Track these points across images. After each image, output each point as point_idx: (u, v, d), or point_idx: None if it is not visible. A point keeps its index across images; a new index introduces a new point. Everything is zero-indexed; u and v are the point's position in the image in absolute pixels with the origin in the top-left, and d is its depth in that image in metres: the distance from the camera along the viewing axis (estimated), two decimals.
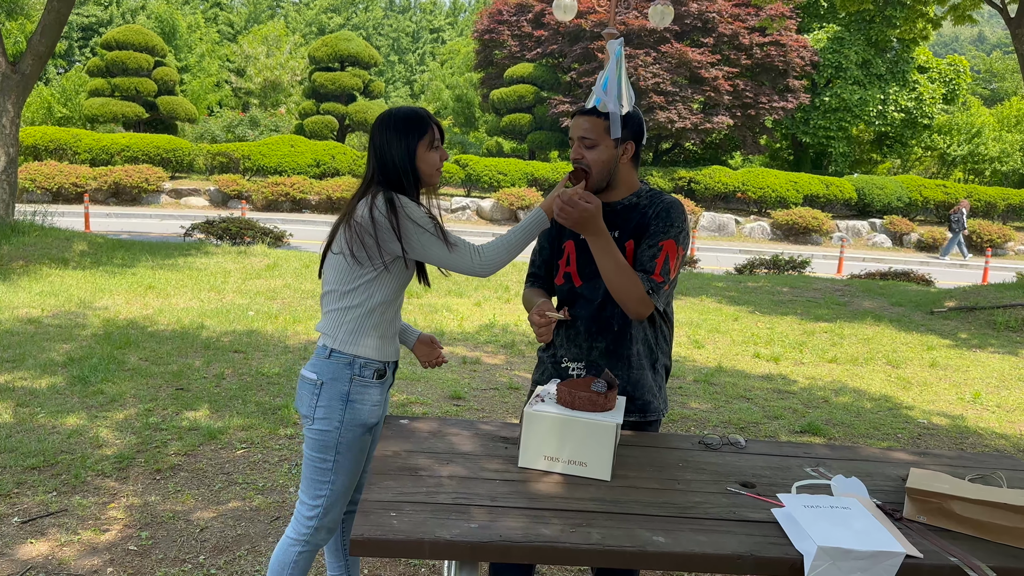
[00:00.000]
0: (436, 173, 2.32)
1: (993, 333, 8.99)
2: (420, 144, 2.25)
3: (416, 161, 2.26)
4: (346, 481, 2.28)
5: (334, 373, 2.23)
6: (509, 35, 28.17)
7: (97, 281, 8.55)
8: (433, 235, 2.19)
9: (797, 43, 25.41)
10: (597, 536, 1.70)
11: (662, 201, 2.36)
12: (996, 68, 49.05)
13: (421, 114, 2.29)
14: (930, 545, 1.78)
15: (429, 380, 5.72)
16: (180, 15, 38.52)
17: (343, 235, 2.23)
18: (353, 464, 2.29)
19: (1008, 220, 27.10)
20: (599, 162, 2.32)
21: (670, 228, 2.31)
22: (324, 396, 2.23)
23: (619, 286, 2.26)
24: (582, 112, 2.34)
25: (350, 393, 2.24)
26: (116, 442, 4.14)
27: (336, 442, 2.24)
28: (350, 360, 2.24)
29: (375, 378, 2.27)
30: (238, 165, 22.81)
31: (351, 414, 2.24)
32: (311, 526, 2.28)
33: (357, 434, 2.26)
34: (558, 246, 2.49)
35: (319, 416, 2.24)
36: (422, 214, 2.20)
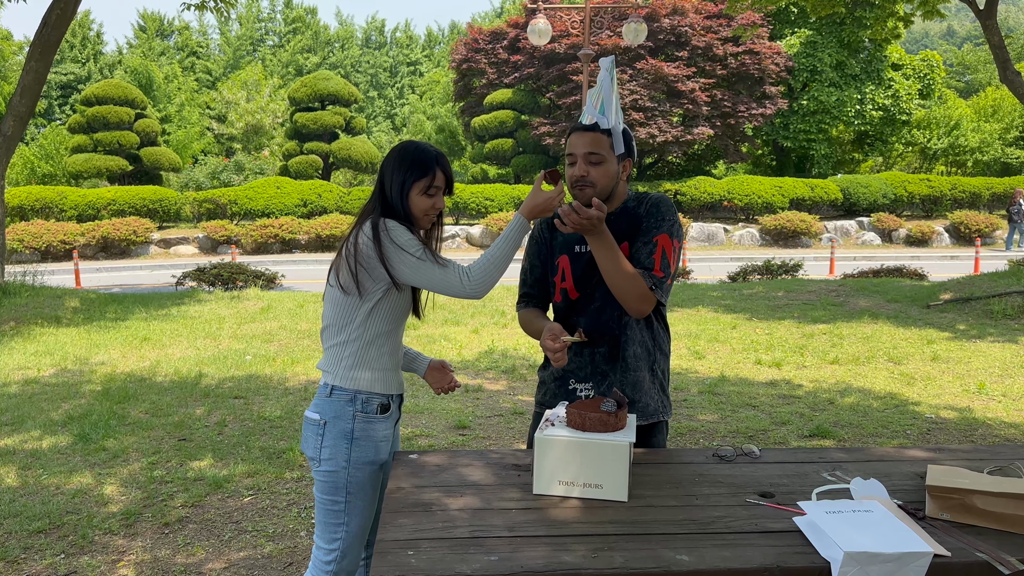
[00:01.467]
0: (425, 218, 2.27)
1: (991, 322, 9.00)
2: (416, 185, 2.22)
3: (408, 200, 2.22)
4: (361, 521, 2.24)
5: (336, 411, 2.19)
6: (486, 63, 28.39)
7: (92, 337, 8.49)
8: (419, 258, 2.14)
9: (771, 50, 25.68)
10: (620, 560, 1.67)
11: (649, 199, 2.38)
12: (968, 60, 49.64)
13: (429, 155, 2.24)
14: (956, 542, 1.76)
15: (433, 412, 5.68)
16: (156, 67, 38.68)
17: (334, 266, 2.21)
18: (366, 503, 2.24)
19: (994, 209, 27.26)
20: (604, 177, 2.31)
21: (661, 222, 2.32)
22: (328, 436, 2.19)
23: (620, 284, 2.26)
24: (582, 129, 2.31)
25: (354, 431, 2.19)
26: (122, 498, 4.08)
27: (346, 482, 2.20)
28: (352, 396, 2.20)
29: (379, 413, 2.23)
30: (225, 210, 22.83)
31: (357, 452, 2.19)
32: (329, 571, 2.23)
33: (366, 472, 2.21)
34: (551, 263, 2.48)
35: (325, 457, 2.19)
36: (408, 238, 2.15)
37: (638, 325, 2.38)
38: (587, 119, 2.31)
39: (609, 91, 2.27)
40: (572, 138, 2.34)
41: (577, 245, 2.42)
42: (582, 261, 2.40)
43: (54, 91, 45.85)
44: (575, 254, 2.41)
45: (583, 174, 2.30)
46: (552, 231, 2.51)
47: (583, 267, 2.39)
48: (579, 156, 2.31)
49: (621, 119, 2.32)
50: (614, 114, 2.28)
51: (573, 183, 2.34)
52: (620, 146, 2.28)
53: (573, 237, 2.43)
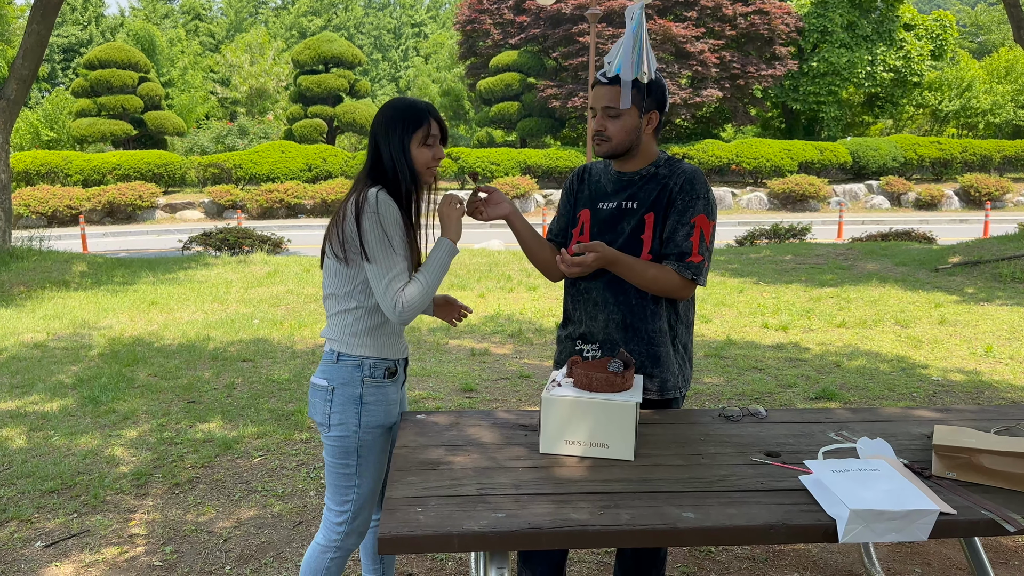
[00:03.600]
0: (428, 172, 2.22)
1: (1000, 286, 8.96)
2: (413, 138, 2.17)
3: (410, 156, 2.17)
4: (371, 484, 2.25)
5: (344, 377, 2.19)
6: (491, 24, 28.05)
7: (99, 301, 8.53)
8: (381, 257, 2.09)
9: (781, 10, 25.31)
10: (626, 517, 1.68)
11: (682, 171, 2.31)
12: (982, 20, 48.83)
13: (419, 107, 2.19)
14: (962, 501, 1.76)
15: (440, 375, 5.70)
16: (158, 31, 38.33)
17: (328, 235, 2.19)
18: (376, 466, 2.25)
19: (1004, 172, 27.03)
20: (622, 131, 2.28)
21: (697, 201, 2.27)
22: (337, 401, 2.19)
23: (657, 286, 2.25)
24: (603, 82, 2.27)
25: (363, 396, 2.19)
26: (132, 459, 4.12)
27: (356, 446, 2.20)
28: (359, 362, 2.19)
29: (387, 377, 2.23)
30: (230, 175, 22.78)
31: (367, 417, 2.20)
32: (341, 531, 2.25)
33: (376, 435, 2.22)
34: (573, 214, 2.46)
35: (335, 423, 2.19)
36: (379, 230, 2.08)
37: (666, 301, 2.34)
38: (611, 71, 2.26)
39: (631, 41, 2.21)
40: (594, 91, 2.30)
41: (602, 201, 2.37)
42: (601, 216, 2.36)
43: (56, 54, 45.56)
44: (597, 209, 2.38)
45: (600, 128, 2.27)
46: (581, 182, 2.47)
47: (601, 223, 2.36)
48: (597, 109, 2.27)
49: (654, 68, 2.26)
50: (641, 64, 2.21)
51: (593, 137, 2.31)
52: (627, 99, 2.21)
53: (600, 192, 2.39)
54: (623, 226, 2.32)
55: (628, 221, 2.32)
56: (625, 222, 2.32)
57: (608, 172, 2.42)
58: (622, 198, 2.34)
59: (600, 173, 2.44)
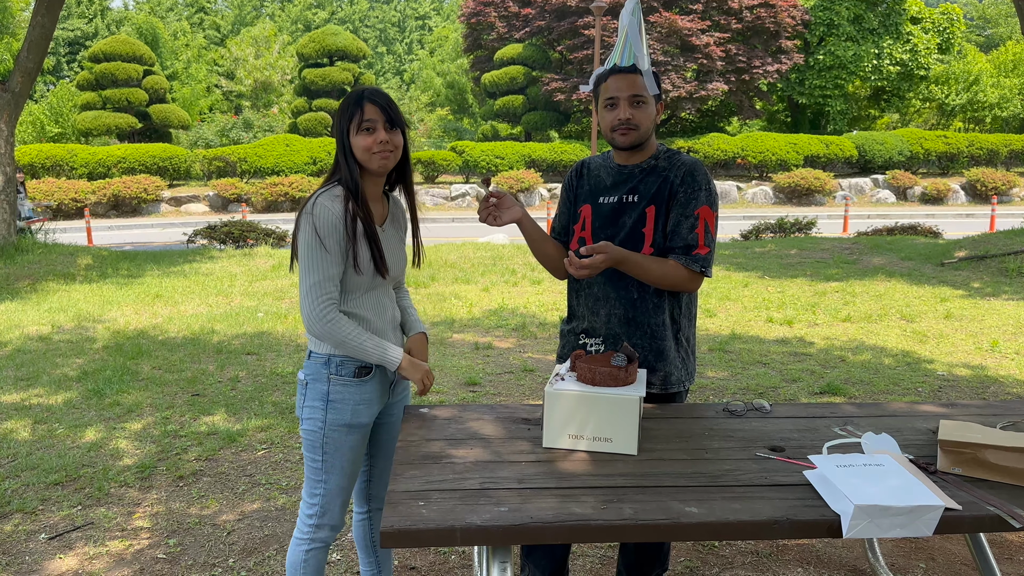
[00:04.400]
0: (373, 158, 2.12)
1: (1006, 280, 8.92)
2: (350, 127, 2.12)
3: (350, 146, 2.13)
4: (340, 481, 2.23)
5: (314, 373, 2.20)
6: (496, 16, 27.97)
7: (104, 294, 8.54)
8: (306, 261, 2.09)
9: (787, 3, 25.17)
10: (630, 511, 1.68)
11: (682, 163, 2.31)
12: (989, 14, 48.53)
13: (354, 94, 2.13)
14: (968, 496, 1.75)
15: (444, 368, 5.70)
16: (161, 24, 38.32)
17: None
18: (345, 464, 2.23)
19: (1011, 166, 26.90)
20: (647, 119, 2.27)
21: (699, 192, 2.27)
22: (309, 396, 2.20)
23: (666, 281, 2.25)
24: (622, 70, 2.24)
25: (330, 393, 2.18)
26: (136, 452, 4.13)
27: (323, 442, 2.20)
28: (326, 359, 2.19)
29: (356, 376, 2.19)
30: (235, 168, 22.78)
31: (333, 414, 2.18)
32: (312, 524, 2.26)
33: (342, 434, 2.19)
34: (574, 211, 2.45)
35: (305, 416, 2.21)
36: (312, 237, 2.07)
37: (669, 296, 2.34)
38: (620, 59, 2.24)
39: (636, 30, 2.20)
40: (611, 81, 2.25)
41: (603, 196, 2.36)
42: (603, 211, 2.35)
43: (61, 48, 45.59)
44: (598, 204, 2.37)
45: (628, 117, 2.24)
46: (580, 177, 2.45)
47: (603, 218, 2.35)
48: (622, 99, 2.23)
49: (648, 60, 2.27)
50: (646, 55, 2.22)
51: (614, 127, 2.26)
52: (654, 87, 2.22)
53: (600, 187, 2.38)
54: (624, 220, 2.31)
55: (629, 215, 2.31)
56: (627, 216, 2.31)
57: (607, 165, 2.40)
58: (623, 192, 2.33)
59: (599, 167, 2.42)
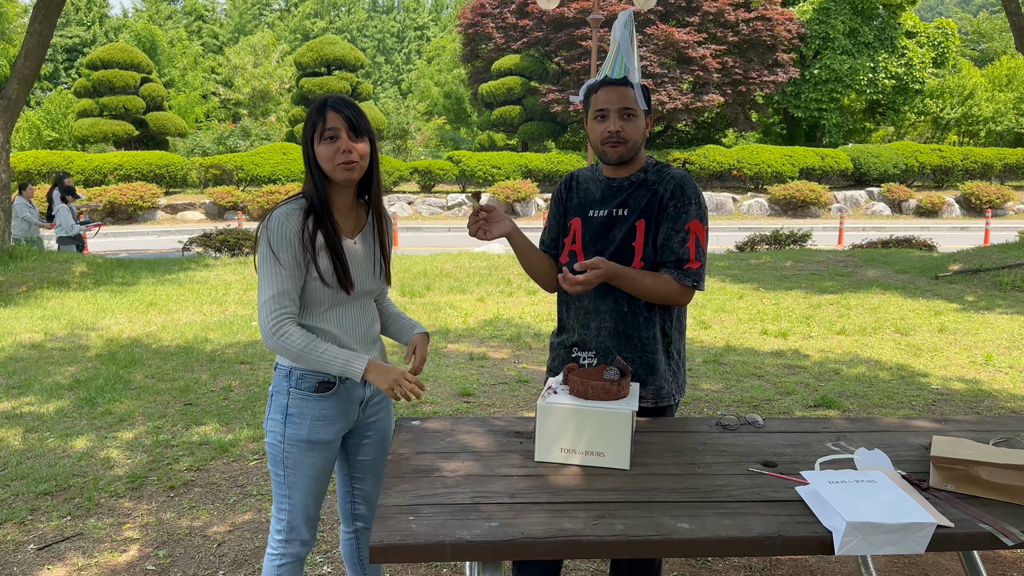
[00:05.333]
0: (337, 169, 2.06)
1: (1000, 294, 8.94)
2: (314, 137, 2.08)
3: (313, 155, 2.09)
4: (303, 498, 2.19)
5: (277, 385, 2.17)
6: (494, 27, 28.07)
7: (98, 302, 8.52)
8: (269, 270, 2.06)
9: (783, 16, 25.31)
10: (621, 527, 1.67)
11: (671, 176, 2.31)
12: (984, 28, 48.85)
13: (318, 102, 2.09)
14: (960, 513, 1.74)
15: (437, 379, 5.69)
16: (160, 31, 38.39)
17: None
18: (307, 481, 2.18)
19: (1006, 180, 27.03)
20: (637, 132, 2.27)
21: (689, 206, 2.27)
22: (271, 409, 2.17)
23: (658, 295, 2.25)
24: (613, 83, 2.24)
25: (289, 406, 2.14)
26: (127, 462, 4.11)
27: (283, 456, 2.16)
28: (287, 371, 2.15)
29: (317, 391, 2.14)
30: (232, 176, 22.78)
31: (291, 428, 2.14)
32: (280, 539, 2.22)
33: (301, 451, 2.14)
34: (564, 223, 2.44)
35: (268, 429, 2.18)
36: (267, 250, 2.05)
37: (663, 310, 2.34)
38: (612, 72, 2.24)
39: (628, 44, 2.21)
40: (602, 93, 2.25)
41: (592, 209, 2.36)
42: (592, 225, 2.35)
43: (59, 55, 45.62)
44: (588, 217, 2.36)
45: (618, 129, 2.23)
46: (569, 190, 2.45)
47: (594, 231, 2.35)
48: (612, 111, 2.23)
49: (639, 73, 2.28)
50: (637, 68, 2.23)
51: (604, 140, 2.25)
52: (643, 102, 2.22)
53: (590, 200, 2.38)
54: (615, 234, 2.31)
55: (619, 229, 2.31)
56: (616, 230, 2.31)
57: (596, 178, 2.40)
58: (612, 205, 2.33)
59: (588, 180, 2.42)
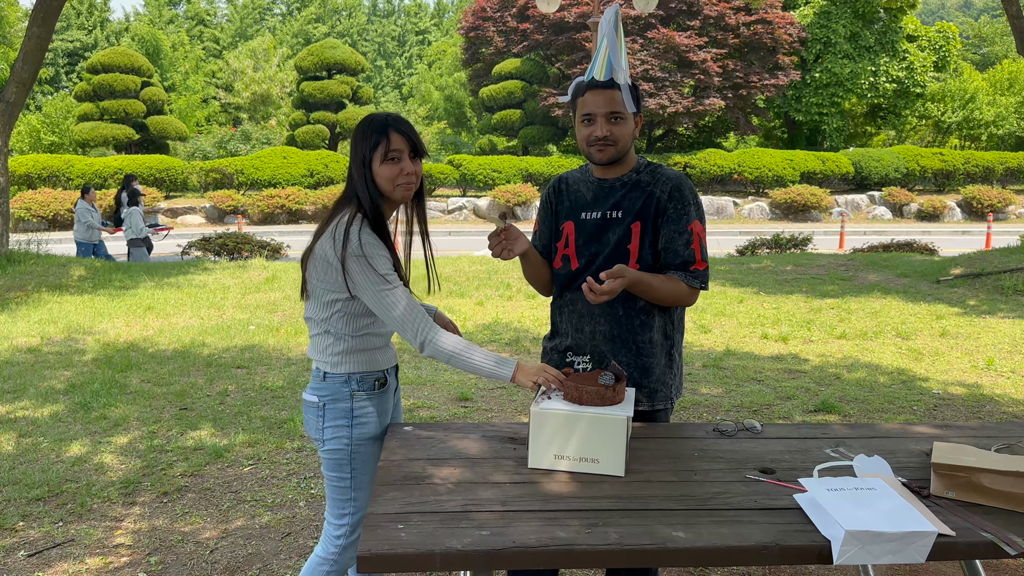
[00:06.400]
0: (398, 189, 2.10)
1: (1002, 298, 8.90)
2: (375, 154, 2.08)
3: (372, 174, 2.09)
4: (367, 495, 2.22)
5: (333, 393, 2.16)
6: (494, 31, 28.08)
7: (96, 305, 8.49)
8: (380, 295, 2.04)
9: (784, 20, 25.29)
10: (615, 536, 1.63)
11: (667, 178, 2.29)
12: (985, 32, 48.82)
13: (378, 121, 2.10)
14: (962, 522, 1.71)
15: (435, 383, 5.65)
16: (163, 35, 38.43)
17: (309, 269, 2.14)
18: (373, 476, 2.22)
19: (1007, 184, 26.97)
20: (625, 135, 2.24)
21: (689, 207, 2.26)
22: (329, 417, 2.17)
23: (671, 298, 2.25)
24: (600, 85, 2.20)
25: (353, 410, 2.17)
26: (121, 467, 4.07)
27: (350, 459, 2.18)
28: (346, 378, 2.16)
29: (377, 389, 2.20)
30: (232, 180, 22.77)
31: (359, 429, 2.18)
32: (340, 544, 2.23)
33: (369, 447, 2.20)
34: (556, 228, 2.41)
35: (328, 437, 2.18)
36: (373, 274, 2.03)
37: (661, 312, 2.31)
38: (599, 73, 2.21)
39: (615, 44, 2.18)
40: (588, 96, 2.22)
41: (585, 212, 2.33)
42: (586, 228, 2.32)
43: (60, 59, 45.65)
44: (581, 220, 2.34)
45: (606, 134, 2.21)
46: (559, 194, 2.42)
47: (588, 234, 2.32)
48: (599, 115, 2.20)
49: (628, 72, 2.24)
50: (624, 68, 2.19)
51: (592, 143, 2.23)
52: (632, 104, 2.19)
53: (581, 202, 2.35)
54: (609, 237, 2.28)
55: (614, 231, 2.28)
56: (611, 232, 2.28)
57: (587, 180, 2.37)
58: (606, 207, 2.30)
59: (578, 182, 2.39)
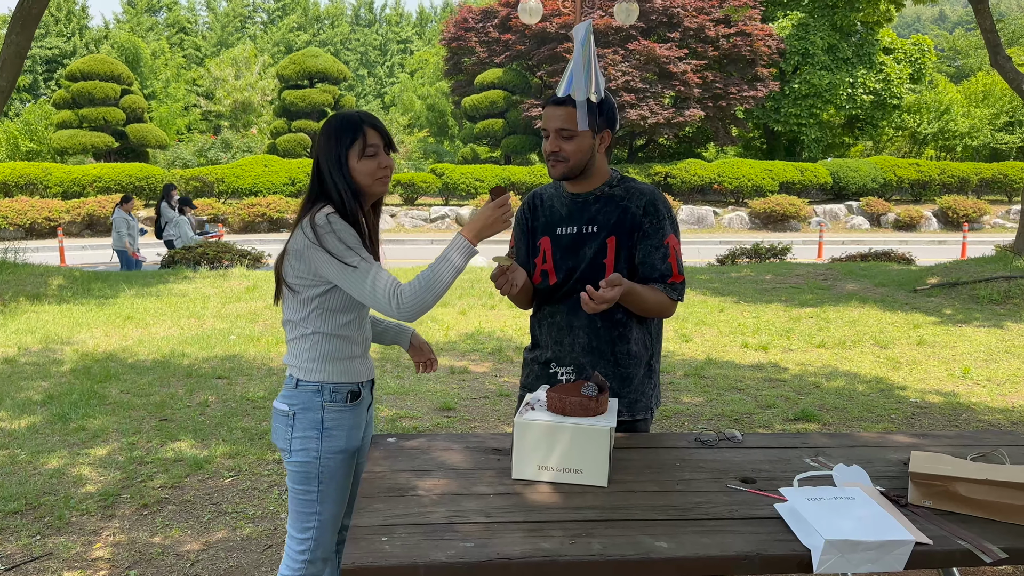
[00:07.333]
0: (377, 183, 2.11)
1: (977, 307, 9.02)
2: (351, 152, 2.09)
3: (349, 171, 2.09)
4: (333, 509, 2.19)
5: (305, 402, 2.13)
6: (477, 41, 28.16)
7: (74, 315, 8.40)
8: (351, 266, 2.01)
9: (762, 32, 25.56)
10: (598, 546, 1.64)
11: (640, 192, 2.32)
12: (959, 45, 49.57)
13: (353, 118, 2.11)
14: (939, 530, 1.73)
15: (418, 393, 5.64)
16: (143, 43, 38.19)
17: (281, 260, 2.13)
18: (338, 491, 2.19)
19: (982, 194, 27.36)
20: (578, 152, 2.26)
21: (664, 222, 2.29)
22: (298, 427, 2.13)
23: (653, 311, 2.28)
24: (556, 102, 2.25)
25: (324, 421, 2.13)
26: (100, 479, 4.03)
27: (318, 472, 2.14)
28: (319, 387, 2.13)
29: (348, 401, 2.16)
30: (212, 188, 22.64)
31: (328, 442, 2.14)
32: (303, 560, 2.19)
33: (338, 461, 2.16)
34: (533, 244, 2.43)
35: (296, 448, 2.14)
36: (342, 245, 2.01)
37: (639, 324, 2.34)
38: (559, 90, 2.25)
39: (579, 61, 2.20)
40: (546, 111, 2.28)
41: (560, 227, 2.36)
42: (562, 243, 2.35)
43: (39, 66, 45.21)
44: (557, 235, 2.36)
45: (556, 149, 2.26)
46: (533, 211, 2.44)
47: (564, 249, 2.34)
48: (552, 130, 2.25)
49: (602, 87, 2.25)
50: (592, 84, 2.20)
51: (547, 157, 2.29)
52: (584, 121, 2.18)
53: (556, 218, 2.38)
54: (585, 251, 2.31)
55: (590, 246, 2.30)
56: (587, 247, 2.31)
57: (560, 195, 2.40)
58: (581, 222, 2.32)
59: (552, 197, 2.42)
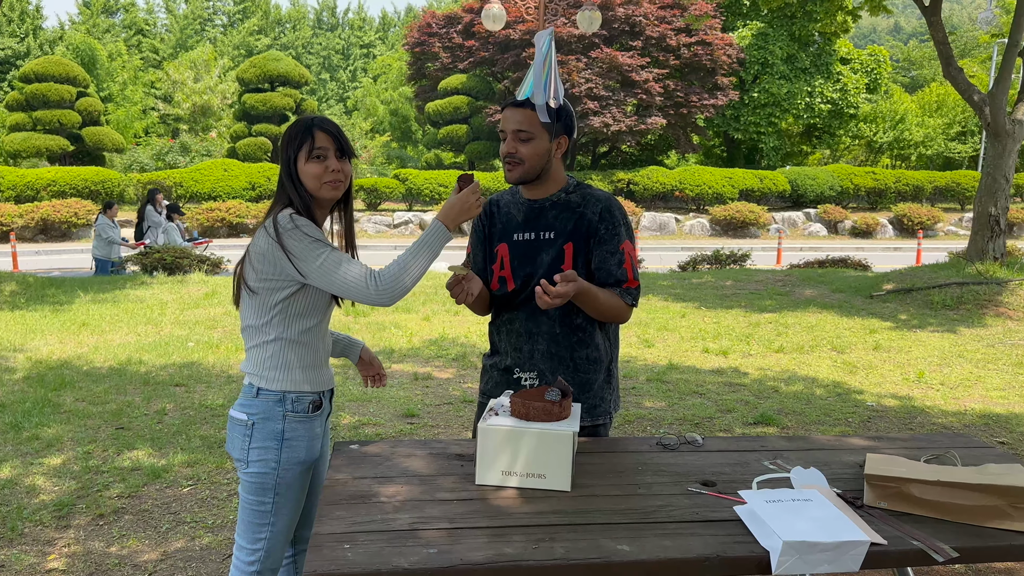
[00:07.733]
0: (325, 187, 2.10)
1: (931, 313, 9.23)
2: (299, 155, 2.09)
3: (298, 174, 2.10)
4: (286, 521, 2.15)
5: (265, 411, 2.09)
6: (440, 47, 28.15)
7: (28, 322, 8.21)
8: (320, 257, 2.00)
9: (723, 41, 25.94)
10: (561, 551, 1.65)
11: (596, 198, 2.33)
12: (914, 56, 50.81)
13: (304, 122, 2.11)
14: (893, 531, 1.78)
15: (381, 400, 5.61)
16: (99, 45, 37.49)
17: (242, 264, 2.11)
18: (293, 503, 2.15)
19: (936, 202, 28.03)
20: (534, 155, 2.28)
21: (619, 228, 2.31)
22: (257, 437, 2.09)
23: (611, 313, 2.29)
24: (514, 105, 2.27)
25: (284, 431, 2.09)
26: (54, 489, 3.94)
27: (275, 484, 2.10)
28: (280, 396, 2.10)
29: (311, 411, 2.14)
30: (171, 193, 22.29)
31: (288, 453, 2.10)
32: (253, 571, 2.14)
33: (296, 473, 2.12)
34: (490, 250, 2.43)
35: (254, 459, 2.09)
36: (308, 239, 2.00)
37: (599, 330, 2.35)
38: (520, 93, 2.27)
39: (540, 66, 2.22)
40: (504, 113, 2.30)
41: (517, 233, 2.36)
42: (520, 249, 2.35)
43: None
44: (514, 242, 2.37)
45: (512, 151, 2.27)
46: (490, 218, 2.45)
47: (521, 255, 2.35)
48: (509, 132, 2.27)
49: (561, 94, 2.27)
50: (550, 89, 2.22)
51: (504, 159, 2.30)
52: (544, 116, 2.20)
53: (512, 224, 2.39)
54: (542, 257, 2.32)
55: (547, 252, 2.32)
56: (544, 253, 2.32)
57: (517, 201, 2.41)
58: (538, 228, 2.34)
59: (508, 204, 2.43)
